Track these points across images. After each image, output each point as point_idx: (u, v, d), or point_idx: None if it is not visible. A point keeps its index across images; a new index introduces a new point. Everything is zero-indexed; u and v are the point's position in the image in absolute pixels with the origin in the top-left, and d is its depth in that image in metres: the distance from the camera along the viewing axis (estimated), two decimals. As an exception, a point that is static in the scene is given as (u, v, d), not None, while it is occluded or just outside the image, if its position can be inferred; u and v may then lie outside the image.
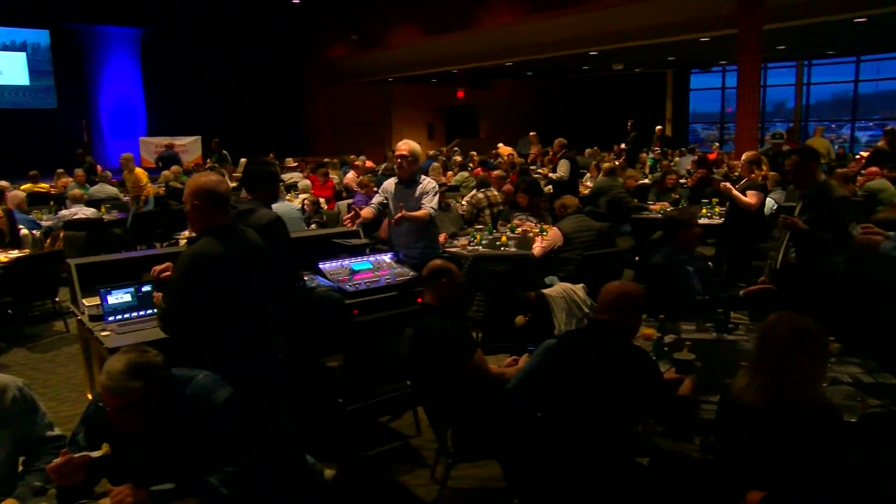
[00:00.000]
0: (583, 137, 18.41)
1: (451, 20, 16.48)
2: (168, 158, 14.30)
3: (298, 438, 3.25)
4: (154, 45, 19.78)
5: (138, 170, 10.05)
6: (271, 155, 13.48)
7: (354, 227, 5.25)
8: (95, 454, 2.17)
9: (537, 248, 5.92)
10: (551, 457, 2.76)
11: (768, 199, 7.41)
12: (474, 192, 8.14)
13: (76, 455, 2.13)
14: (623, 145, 15.17)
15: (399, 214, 4.80)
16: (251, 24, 20.37)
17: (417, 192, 5.02)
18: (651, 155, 14.83)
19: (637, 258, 7.30)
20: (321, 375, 4.16)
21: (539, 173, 11.78)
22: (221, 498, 2.22)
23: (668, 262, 4.26)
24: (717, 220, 7.56)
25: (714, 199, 8.19)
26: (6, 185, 9.64)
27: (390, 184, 5.20)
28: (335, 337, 4.21)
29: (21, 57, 18.99)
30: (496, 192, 7.91)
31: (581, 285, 5.36)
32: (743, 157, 6.90)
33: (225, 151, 13.62)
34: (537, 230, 6.72)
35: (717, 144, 18.80)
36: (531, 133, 15.90)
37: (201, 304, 2.84)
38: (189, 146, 17.59)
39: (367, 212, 5.23)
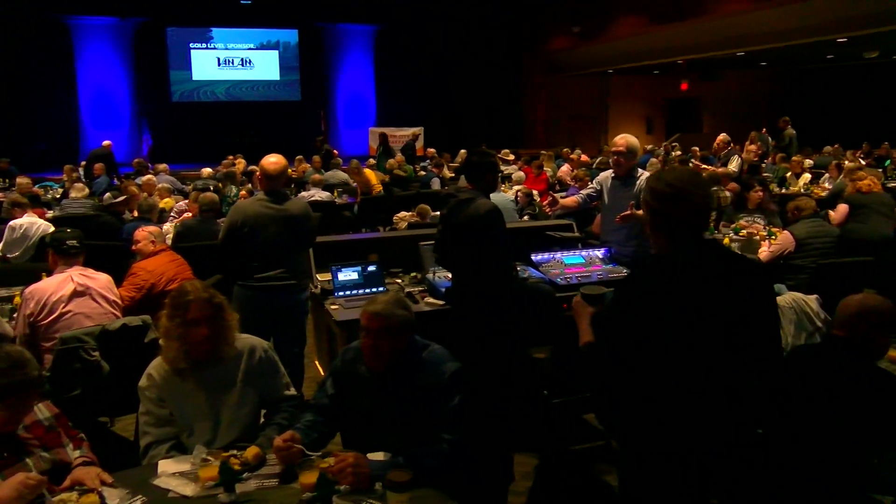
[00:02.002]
0: (822, 134, 16.71)
1: (680, 9, 15.69)
2: (403, 148, 15.49)
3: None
4: (385, 41, 21.09)
5: (367, 171, 10.71)
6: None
7: (550, 213, 5.24)
8: (313, 454, 2.38)
9: (764, 252, 5.48)
10: (772, 480, 2.56)
11: None
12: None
13: (296, 446, 2.36)
14: (773, 141, 13.44)
15: (627, 212, 4.54)
16: (475, 18, 20.94)
17: (636, 189, 4.83)
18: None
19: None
20: (528, 366, 4.21)
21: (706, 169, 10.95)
22: (430, 471, 2.32)
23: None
24: None
25: None
26: (256, 169, 10.86)
27: (606, 177, 5.06)
28: (544, 329, 4.23)
29: (274, 55, 21.22)
30: (727, 193, 7.42)
31: (814, 296, 4.88)
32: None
33: (392, 145, 14.38)
34: (764, 233, 6.24)
35: None
36: (763, 130, 14.73)
37: (232, 237, 4.21)
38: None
39: (570, 200, 5.17)
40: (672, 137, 19.21)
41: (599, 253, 4.93)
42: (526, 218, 8.06)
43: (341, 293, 4.40)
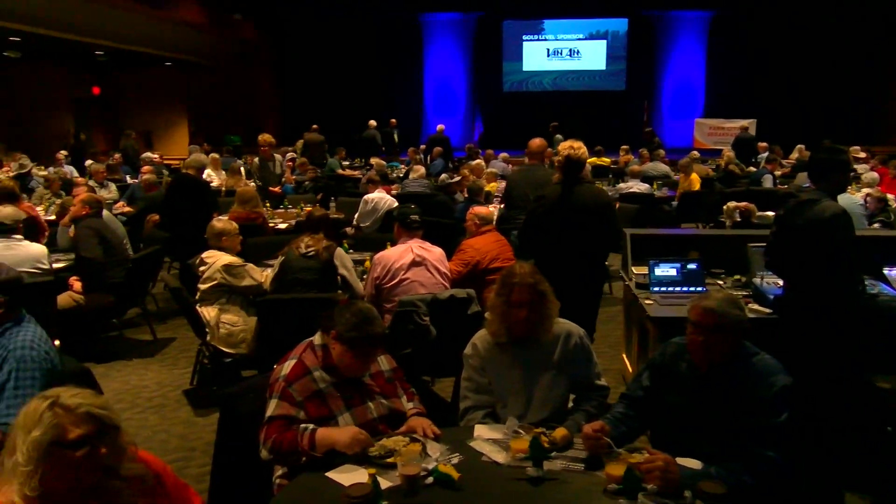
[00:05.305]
0: None
1: None
2: (739, 141, 14.58)
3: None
4: (720, 27, 19.78)
5: (694, 175, 10.22)
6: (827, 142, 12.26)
7: None
8: (627, 454, 2.30)
9: None
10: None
11: None
12: None
13: (604, 438, 2.34)
14: None
15: None
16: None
17: None
18: None
19: None
20: (868, 394, 3.68)
21: None
22: (746, 488, 2.18)
23: None
24: None
25: None
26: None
27: None
28: (893, 355, 3.67)
29: (601, 45, 21.25)
30: None
31: None
32: None
33: (559, 135, 13.24)
34: None
35: None
36: None
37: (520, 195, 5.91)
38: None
39: None
40: None
41: (978, 273, 4.10)
42: (877, 226, 7.02)
43: (657, 289, 4.28)
